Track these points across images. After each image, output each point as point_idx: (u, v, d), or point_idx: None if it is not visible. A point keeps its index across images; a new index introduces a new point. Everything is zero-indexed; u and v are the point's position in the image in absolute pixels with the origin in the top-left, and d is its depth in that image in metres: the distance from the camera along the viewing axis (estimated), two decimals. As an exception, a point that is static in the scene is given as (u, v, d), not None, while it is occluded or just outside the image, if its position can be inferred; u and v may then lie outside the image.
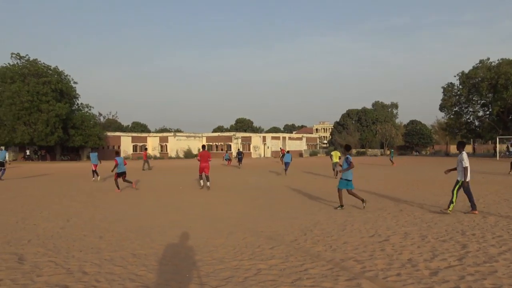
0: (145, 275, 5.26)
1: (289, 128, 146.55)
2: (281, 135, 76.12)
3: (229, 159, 37.96)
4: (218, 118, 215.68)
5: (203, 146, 17.64)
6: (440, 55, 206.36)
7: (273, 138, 70.40)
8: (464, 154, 9.63)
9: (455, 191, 9.40)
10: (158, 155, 62.81)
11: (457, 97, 48.35)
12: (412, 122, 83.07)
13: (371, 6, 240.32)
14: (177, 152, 63.63)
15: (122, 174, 15.99)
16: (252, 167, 33.60)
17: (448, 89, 48.84)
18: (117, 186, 15.73)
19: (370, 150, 71.85)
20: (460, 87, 47.26)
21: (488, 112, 47.70)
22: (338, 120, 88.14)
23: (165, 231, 8.18)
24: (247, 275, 5.20)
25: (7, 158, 26.18)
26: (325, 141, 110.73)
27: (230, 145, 64.13)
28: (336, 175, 20.84)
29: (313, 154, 68.80)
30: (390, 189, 15.05)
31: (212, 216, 10.01)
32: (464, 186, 9.30)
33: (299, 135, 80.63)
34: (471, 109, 49.41)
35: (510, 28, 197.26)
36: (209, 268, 5.58)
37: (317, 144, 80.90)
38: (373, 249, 6.29)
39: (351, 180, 10.57)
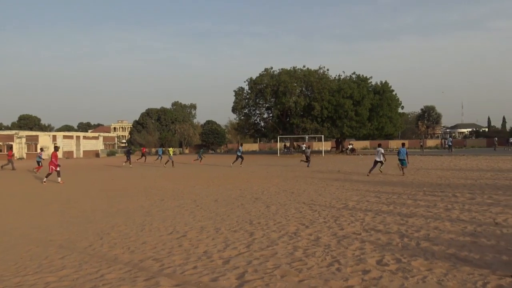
0: None
1: (84, 127, 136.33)
2: (74, 134, 69.98)
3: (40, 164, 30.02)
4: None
5: (57, 147, 19.42)
6: (235, 61, 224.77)
7: (65, 137, 64.14)
8: None
9: None
10: None
11: (247, 100, 53.43)
12: (209, 122, 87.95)
13: (174, 7, 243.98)
14: None
15: None
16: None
17: (239, 93, 53.51)
18: None
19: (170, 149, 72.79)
20: (249, 91, 52.44)
21: (271, 115, 54.29)
22: (137, 119, 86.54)
23: None
24: (32, 292, 4.63)
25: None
26: (124, 141, 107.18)
27: (11, 145, 55.44)
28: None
29: (111, 154, 65.66)
30: (191, 186, 15.62)
31: (-14, 229, 8.51)
32: None
33: (95, 134, 75.69)
34: (258, 112, 55.33)
35: (288, 43, 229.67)
36: (-18, 290, 4.75)
37: (115, 143, 77.49)
38: (171, 246, 6.43)
39: None
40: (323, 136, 47.90)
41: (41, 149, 29.00)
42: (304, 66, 50.90)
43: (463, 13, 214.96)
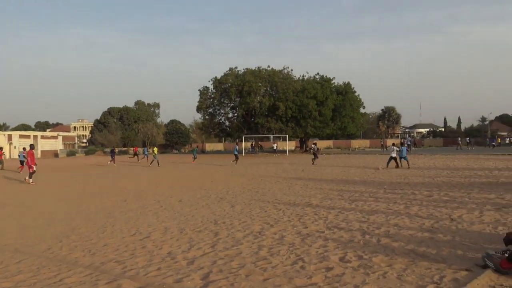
0: None
1: (42, 126, 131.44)
2: (32, 133, 67.27)
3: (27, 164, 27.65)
4: None
5: (32, 146, 18.57)
6: (199, 60, 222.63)
7: (21, 136, 61.48)
8: None
9: None
10: None
11: (211, 100, 53.16)
12: (173, 121, 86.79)
13: (135, 4, 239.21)
14: None
15: None
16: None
17: (203, 92, 53.16)
18: None
19: (131, 149, 71.33)
20: (214, 91, 52.20)
21: (236, 114, 54.27)
22: (99, 118, 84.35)
23: None
24: (-15, 298, 4.42)
25: None
26: (85, 140, 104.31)
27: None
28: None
29: (71, 154, 63.55)
30: (153, 187, 15.38)
31: None
32: None
33: (54, 134, 73.12)
34: (222, 111, 55.15)
35: (252, 43, 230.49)
36: None
37: (75, 143, 75.18)
38: (134, 248, 6.31)
39: None
40: (287, 135, 48.36)
41: (24, 149, 28.15)
42: (268, 66, 51.17)
43: (420, 17, 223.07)
